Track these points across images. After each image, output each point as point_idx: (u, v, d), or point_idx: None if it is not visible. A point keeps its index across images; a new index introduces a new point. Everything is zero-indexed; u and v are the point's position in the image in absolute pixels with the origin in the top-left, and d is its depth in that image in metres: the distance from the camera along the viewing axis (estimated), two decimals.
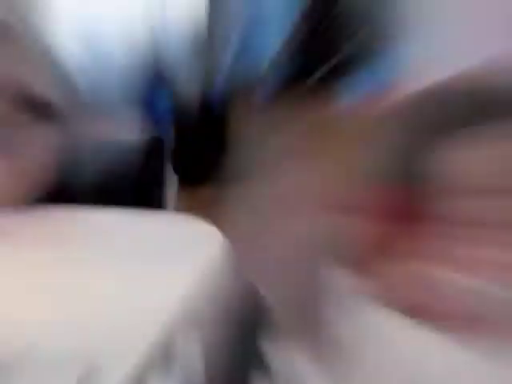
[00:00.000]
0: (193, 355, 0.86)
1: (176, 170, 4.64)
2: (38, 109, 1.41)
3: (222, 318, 0.96)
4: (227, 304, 0.98)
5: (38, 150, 1.42)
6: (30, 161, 1.36)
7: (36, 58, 1.63)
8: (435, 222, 1.16)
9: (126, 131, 1.96)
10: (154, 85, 5.52)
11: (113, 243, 1.34)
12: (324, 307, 1.47)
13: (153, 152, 1.81)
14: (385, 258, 1.06)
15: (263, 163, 4.55)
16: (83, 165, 1.73)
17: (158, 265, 1.23)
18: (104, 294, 1.13)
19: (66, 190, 1.58)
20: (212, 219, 1.40)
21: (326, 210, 1.31)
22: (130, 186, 1.82)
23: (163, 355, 1.04)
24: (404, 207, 1.29)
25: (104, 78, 4.61)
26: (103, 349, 0.95)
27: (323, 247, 1.35)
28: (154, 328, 1.00)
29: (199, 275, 1.18)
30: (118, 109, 5.11)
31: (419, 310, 0.92)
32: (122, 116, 5.09)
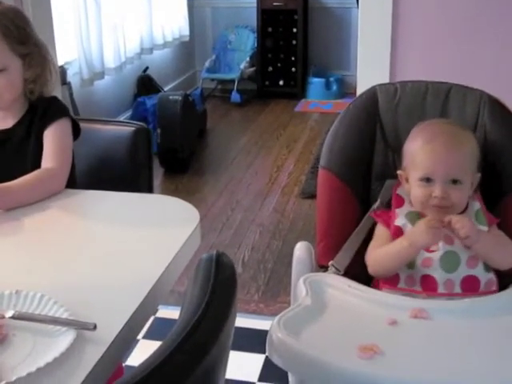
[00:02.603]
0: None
1: (162, 161, 4.86)
2: None
3: (199, 280, 1.11)
4: (201, 268, 1.14)
5: None
6: None
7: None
8: None
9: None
10: (144, 86, 5.69)
11: (109, 220, 1.56)
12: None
13: (141, 141, 1.92)
14: None
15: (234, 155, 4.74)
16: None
17: (145, 238, 1.45)
18: (101, 263, 1.35)
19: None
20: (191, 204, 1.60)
21: None
22: (122, 170, 1.94)
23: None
24: None
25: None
26: (102, 305, 1.17)
27: None
28: (141, 291, 1.23)
29: (179, 247, 1.39)
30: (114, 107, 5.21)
31: None
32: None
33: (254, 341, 2.54)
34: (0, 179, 1.61)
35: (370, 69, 2.70)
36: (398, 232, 1.68)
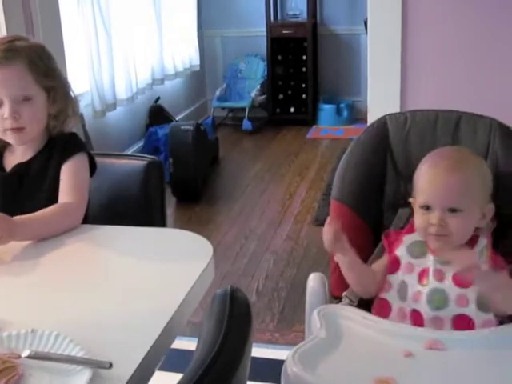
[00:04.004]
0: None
1: (174, 190, 4.87)
2: None
3: (213, 317, 1.12)
4: (216, 305, 1.14)
5: None
6: None
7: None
8: None
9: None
10: (155, 116, 5.76)
11: (123, 256, 1.56)
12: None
13: (154, 174, 1.93)
14: None
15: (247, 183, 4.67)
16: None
17: (159, 274, 1.45)
18: (115, 299, 1.36)
19: None
20: (204, 233, 1.60)
21: None
22: (135, 203, 1.95)
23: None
24: None
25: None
26: (118, 342, 1.17)
27: None
28: (156, 327, 1.23)
29: (192, 282, 1.39)
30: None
31: None
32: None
33: (270, 371, 2.53)
34: (16, 212, 1.62)
35: (380, 95, 2.70)
36: (395, 262, 1.66)
